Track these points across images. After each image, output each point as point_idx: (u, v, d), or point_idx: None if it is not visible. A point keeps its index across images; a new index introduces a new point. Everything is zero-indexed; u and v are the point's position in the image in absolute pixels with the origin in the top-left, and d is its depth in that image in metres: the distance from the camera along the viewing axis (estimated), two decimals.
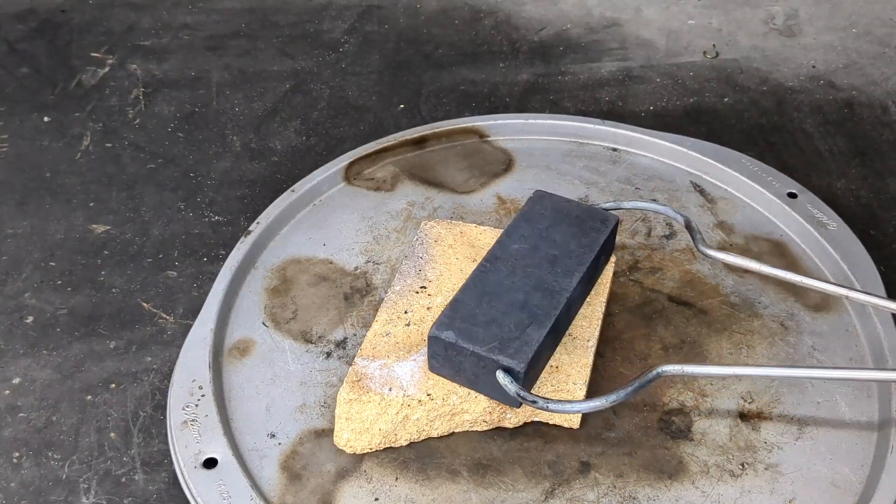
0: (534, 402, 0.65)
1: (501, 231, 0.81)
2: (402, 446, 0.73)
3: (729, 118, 1.16)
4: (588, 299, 0.78)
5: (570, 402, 0.66)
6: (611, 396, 0.66)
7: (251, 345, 0.81)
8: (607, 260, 0.81)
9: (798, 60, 1.27)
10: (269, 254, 0.90)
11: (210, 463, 0.70)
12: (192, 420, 0.73)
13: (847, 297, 0.74)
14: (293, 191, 0.95)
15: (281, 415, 0.75)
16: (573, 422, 0.73)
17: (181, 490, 0.71)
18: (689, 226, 0.80)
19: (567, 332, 0.75)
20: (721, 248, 0.78)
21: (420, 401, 0.70)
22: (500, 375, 0.67)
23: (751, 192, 0.96)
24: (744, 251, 0.89)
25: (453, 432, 0.73)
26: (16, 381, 0.82)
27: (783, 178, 0.97)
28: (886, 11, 1.37)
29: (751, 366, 0.75)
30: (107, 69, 1.25)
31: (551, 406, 0.65)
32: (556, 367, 0.72)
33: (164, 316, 0.89)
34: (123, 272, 0.93)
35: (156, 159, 1.09)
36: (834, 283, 0.78)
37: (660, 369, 0.68)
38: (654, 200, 0.83)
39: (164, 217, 1.00)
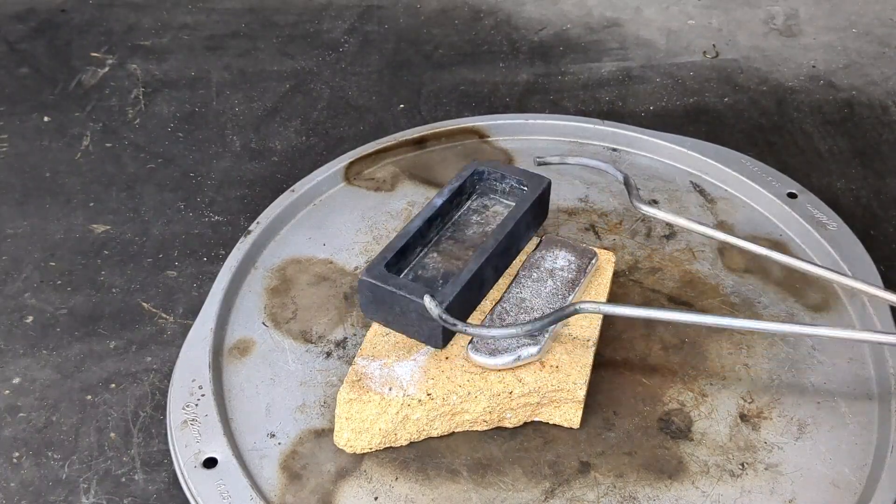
0: (454, 325, 0.69)
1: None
2: (402, 446, 0.73)
3: (729, 118, 1.16)
4: (588, 299, 0.78)
5: (486, 326, 0.71)
6: (526, 325, 0.69)
7: (251, 344, 0.81)
8: (543, 214, 0.86)
9: (798, 60, 1.27)
10: (269, 254, 0.90)
11: (210, 463, 0.70)
12: (192, 420, 0.73)
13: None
14: (293, 191, 0.95)
15: (281, 415, 0.75)
16: (573, 422, 0.73)
17: (181, 490, 0.71)
18: (626, 182, 0.86)
19: (567, 332, 0.75)
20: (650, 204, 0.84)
21: (420, 400, 0.70)
22: (426, 300, 0.70)
23: (751, 192, 0.96)
24: (744, 251, 0.89)
25: (453, 432, 0.73)
26: (16, 381, 0.82)
27: (783, 178, 0.97)
28: (886, 11, 1.37)
29: (681, 311, 0.77)
30: (107, 69, 1.25)
31: (469, 330, 0.69)
32: (557, 367, 0.72)
33: (164, 316, 0.89)
34: (123, 272, 0.93)
35: (156, 159, 1.09)
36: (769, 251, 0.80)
37: (578, 305, 0.71)
38: (597, 159, 0.92)
39: (164, 217, 1.00)
